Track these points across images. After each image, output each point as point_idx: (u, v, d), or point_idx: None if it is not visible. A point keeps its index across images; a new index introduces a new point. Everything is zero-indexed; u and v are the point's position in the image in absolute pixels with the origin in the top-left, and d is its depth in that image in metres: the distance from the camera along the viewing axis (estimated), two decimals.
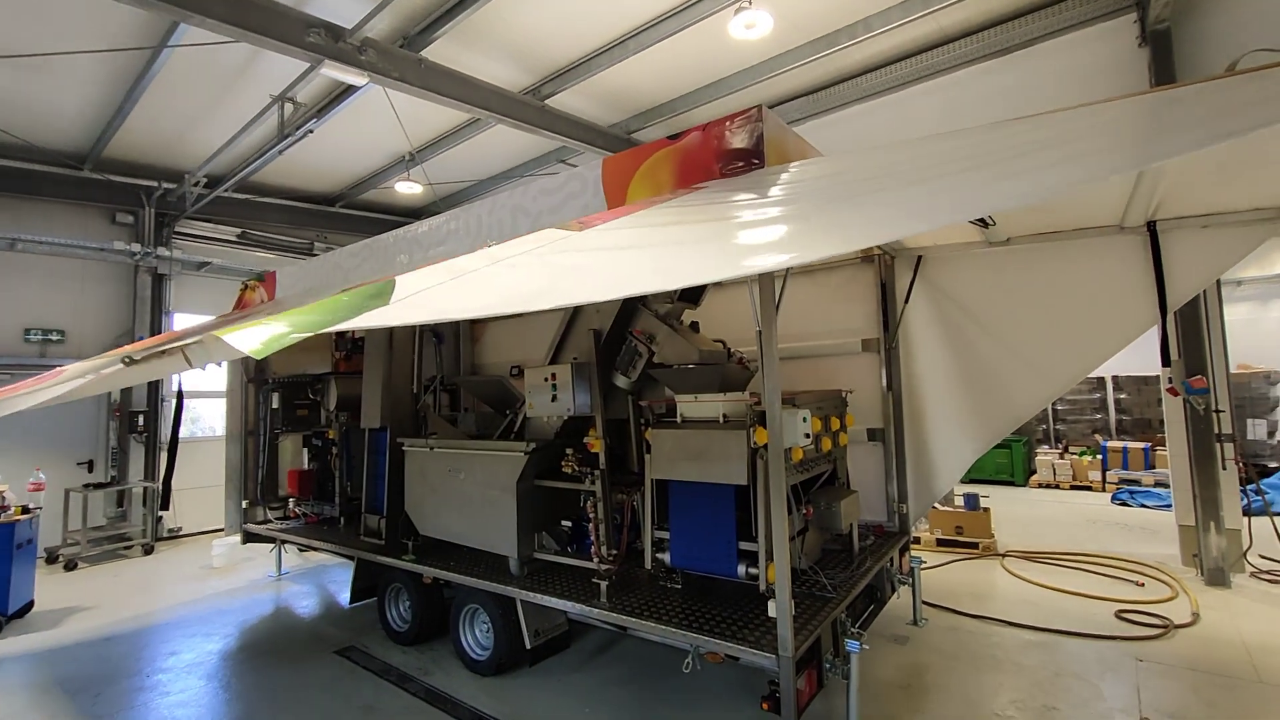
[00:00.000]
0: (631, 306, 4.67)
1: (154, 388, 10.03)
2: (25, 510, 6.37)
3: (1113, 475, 11.05)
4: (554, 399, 4.51)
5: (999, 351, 4.97)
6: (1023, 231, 4.72)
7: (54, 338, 9.17)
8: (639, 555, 4.27)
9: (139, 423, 9.65)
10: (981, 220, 3.89)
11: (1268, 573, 6.19)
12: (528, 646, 4.51)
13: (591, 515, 4.30)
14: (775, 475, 3.25)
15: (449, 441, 5.30)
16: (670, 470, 3.99)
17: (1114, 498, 10.25)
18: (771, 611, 3.28)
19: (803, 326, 5.74)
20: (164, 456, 9.90)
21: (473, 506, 4.94)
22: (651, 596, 4.07)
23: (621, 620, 3.85)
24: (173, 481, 5.58)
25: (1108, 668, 4.46)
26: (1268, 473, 9.82)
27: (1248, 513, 6.36)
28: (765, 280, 3.21)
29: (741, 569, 3.70)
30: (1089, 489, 11.10)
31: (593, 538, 4.27)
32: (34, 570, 6.59)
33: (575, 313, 4.88)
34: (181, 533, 10.02)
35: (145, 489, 9.48)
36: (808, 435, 3.77)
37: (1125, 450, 11.19)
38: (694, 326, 4.77)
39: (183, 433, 10.71)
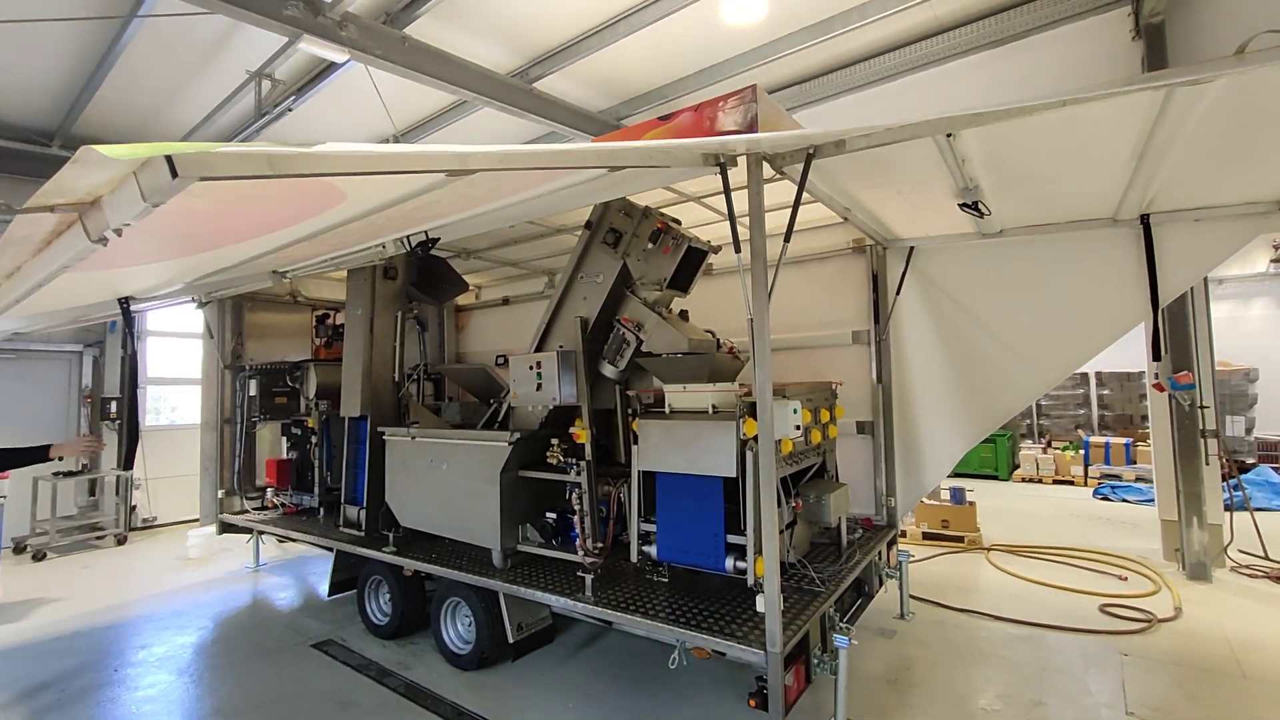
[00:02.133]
0: (619, 294, 4.56)
1: (128, 374, 9.76)
2: None
3: (1095, 470, 11.17)
4: (539, 388, 4.40)
5: (990, 344, 4.93)
6: (1016, 223, 4.67)
7: None
8: (625, 548, 4.18)
9: (111, 409, 9.38)
10: (975, 209, 3.82)
11: (1248, 567, 6.25)
12: (510, 640, 4.42)
13: (577, 507, 4.20)
14: (765, 467, 3.16)
15: (431, 431, 5.17)
16: (658, 462, 3.90)
17: (1096, 492, 10.36)
18: (760, 606, 3.21)
19: (793, 318, 5.67)
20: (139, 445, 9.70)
21: (455, 497, 4.82)
22: (638, 590, 3.99)
23: (606, 614, 3.76)
24: (142, 461, 5.36)
25: (1093, 662, 4.46)
26: (1246, 468, 9.95)
27: (1228, 508, 6.42)
28: (757, 267, 3.11)
29: (729, 562, 3.62)
30: (1071, 484, 11.21)
31: (578, 530, 4.18)
32: None
33: (561, 300, 4.75)
34: (156, 523, 9.78)
35: (119, 478, 9.23)
36: (798, 427, 3.69)
37: (1107, 445, 11.31)
38: (683, 315, 4.67)
39: (160, 421, 10.47)
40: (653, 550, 3.97)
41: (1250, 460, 10.70)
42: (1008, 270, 4.86)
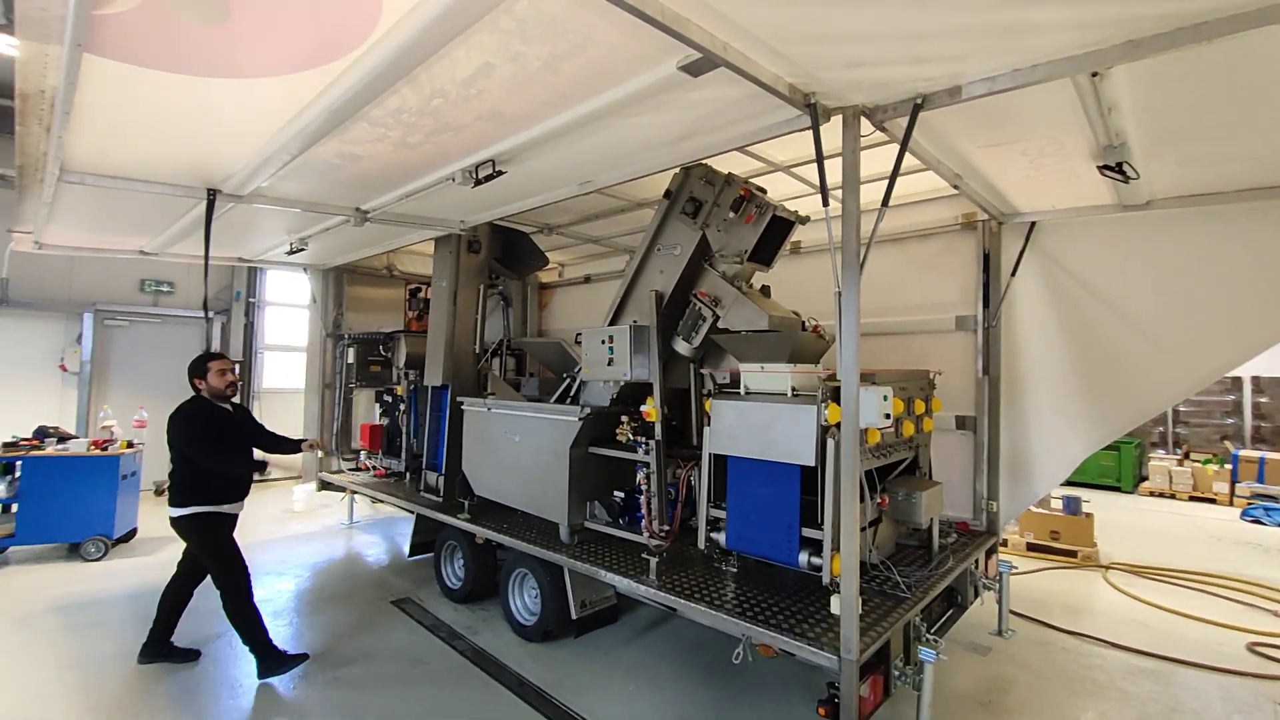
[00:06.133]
0: (697, 267, 4.34)
1: (249, 340, 10.71)
2: (130, 445, 6.90)
3: (1244, 488, 9.70)
4: (610, 363, 4.29)
5: (1125, 336, 4.27)
6: (1169, 192, 3.96)
7: (165, 289, 9.94)
8: (693, 533, 4.01)
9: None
10: (1119, 172, 3.26)
11: None
12: (574, 617, 4.39)
13: (645, 487, 4.07)
14: (847, 457, 2.87)
15: (505, 402, 5.21)
16: (730, 445, 3.68)
17: (1244, 514, 9.00)
18: (835, 608, 2.94)
19: (888, 300, 5.21)
20: (256, 405, 10.63)
21: (526, 470, 4.84)
22: (704, 578, 3.81)
23: (670, 600, 3.61)
24: (261, 419, 5.77)
25: (1236, 708, 3.81)
26: None
27: None
28: (849, 234, 2.79)
29: (803, 557, 3.36)
30: (1213, 502, 9.81)
31: (644, 511, 4.05)
32: (138, 501, 7.16)
33: (637, 273, 4.60)
34: (271, 477, 10.73)
35: None
36: (887, 416, 3.35)
37: (1262, 461, 9.77)
38: (765, 290, 4.38)
39: (271, 385, 11.38)
40: (721, 538, 3.77)
41: None
42: (1153, 249, 4.17)
